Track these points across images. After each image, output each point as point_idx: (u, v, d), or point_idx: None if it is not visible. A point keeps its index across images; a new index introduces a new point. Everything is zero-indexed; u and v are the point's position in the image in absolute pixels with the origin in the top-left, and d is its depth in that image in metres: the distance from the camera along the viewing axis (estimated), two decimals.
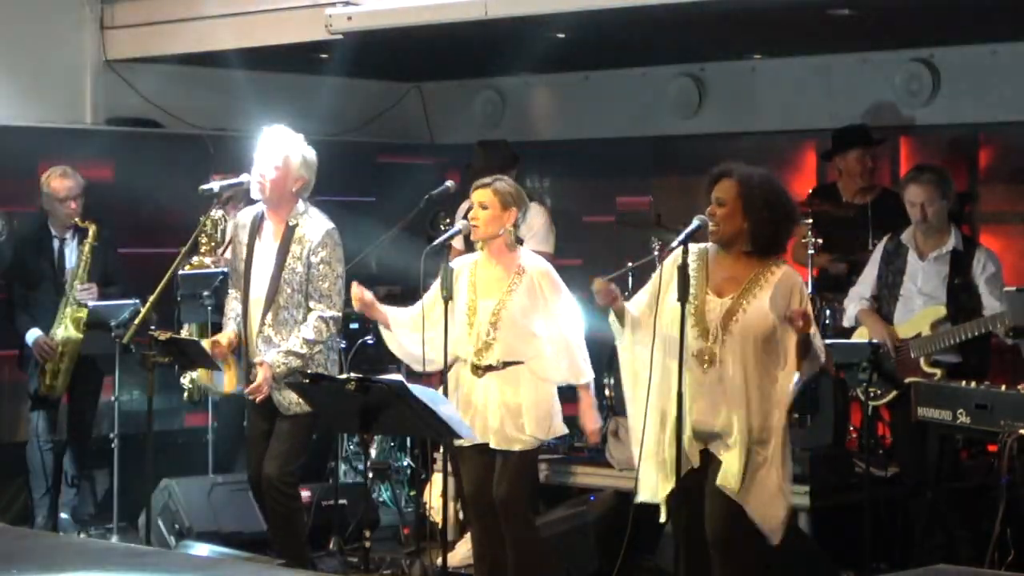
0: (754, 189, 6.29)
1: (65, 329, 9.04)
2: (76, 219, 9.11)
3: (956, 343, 7.71)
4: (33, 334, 9.03)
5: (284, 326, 7.40)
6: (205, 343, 7.56)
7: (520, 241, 7.31)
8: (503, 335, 7.07)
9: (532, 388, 7.09)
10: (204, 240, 8.67)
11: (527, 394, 7.08)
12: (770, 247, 6.32)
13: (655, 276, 6.42)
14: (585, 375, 7.17)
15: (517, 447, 7.09)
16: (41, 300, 9.13)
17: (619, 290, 6.39)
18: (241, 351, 7.54)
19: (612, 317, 6.40)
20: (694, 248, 6.29)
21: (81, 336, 9.02)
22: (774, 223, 6.31)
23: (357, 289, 7.09)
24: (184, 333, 8.47)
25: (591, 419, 7.25)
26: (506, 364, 7.08)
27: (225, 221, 8.69)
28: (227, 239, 8.65)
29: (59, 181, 9.10)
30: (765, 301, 6.23)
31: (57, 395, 9.12)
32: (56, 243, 9.19)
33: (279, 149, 7.45)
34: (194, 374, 8.65)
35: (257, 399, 7.41)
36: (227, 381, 7.53)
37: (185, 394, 8.59)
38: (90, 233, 9.07)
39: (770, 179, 6.40)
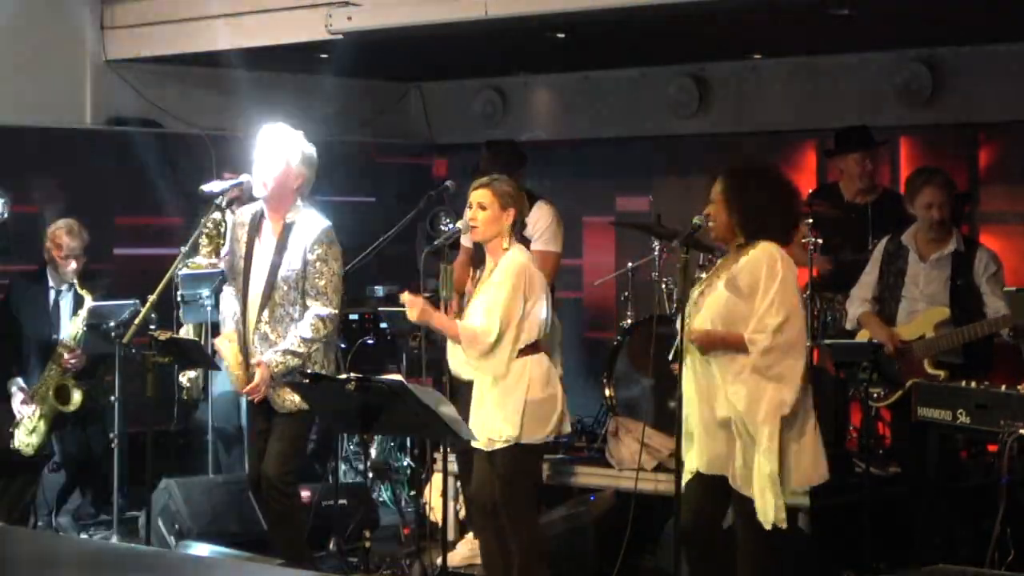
0: (735, 181, 6.27)
1: (45, 399, 8.86)
2: (75, 280, 8.94)
3: (961, 344, 7.70)
4: (14, 383, 8.90)
5: (280, 323, 7.38)
6: (227, 343, 7.48)
7: (527, 242, 7.22)
8: None
9: (500, 389, 6.94)
10: (205, 242, 8.64)
11: (496, 395, 6.95)
12: (762, 233, 6.26)
13: None
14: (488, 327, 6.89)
15: (497, 446, 6.97)
16: (28, 345, 8.97)
17: None
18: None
19: None
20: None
21: (61, 408, 8.87)
22: (760, 209, 6.25)
23: (410, 297, 6.96)
24: (183, 333, 8.45)
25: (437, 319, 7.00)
26: None
27: (226, 223, 8.67)
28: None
29: (65, 238, 8.92)
30: (724, 283, 6.21)
31: (31, 454, 8.89)
32: (52, 294, 9.04)
33: (280, 147, 7.44)
34: (192, 374, 8.64)
35: (256, 399, 7.40)
36: (239, 380, 7.47)
37: (184, 393, 8.58)
38: (85, 306, 8.85)
39: (758, 169, 6.40)
